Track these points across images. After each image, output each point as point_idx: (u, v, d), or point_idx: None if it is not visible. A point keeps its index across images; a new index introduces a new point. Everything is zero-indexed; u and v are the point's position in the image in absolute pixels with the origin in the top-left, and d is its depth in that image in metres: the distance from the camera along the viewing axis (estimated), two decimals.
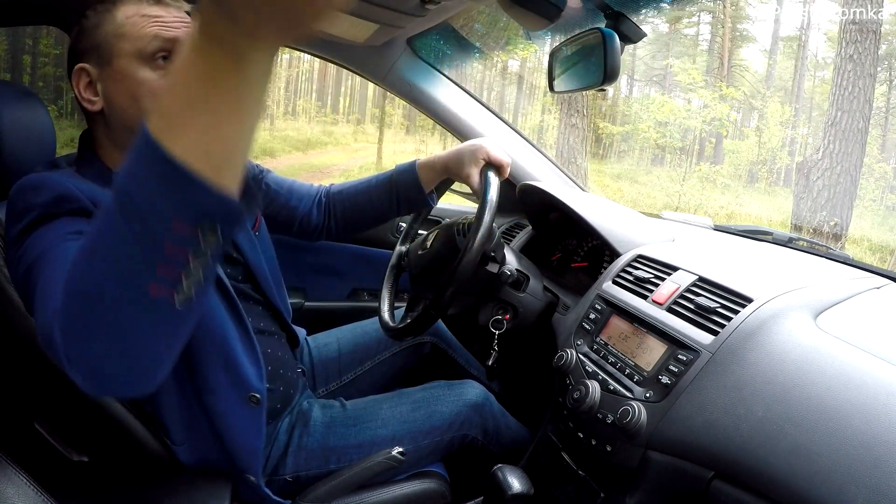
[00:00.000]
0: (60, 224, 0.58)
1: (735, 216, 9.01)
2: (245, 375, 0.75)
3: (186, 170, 0.34)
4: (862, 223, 8.24)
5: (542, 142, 12.90)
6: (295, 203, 1.07)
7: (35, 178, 0.62)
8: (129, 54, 0.67)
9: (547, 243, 1.34)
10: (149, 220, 0.36)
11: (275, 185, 1.05)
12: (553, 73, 1.06)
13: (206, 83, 0.34)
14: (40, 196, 0.60)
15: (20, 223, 0.59)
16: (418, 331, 0.93)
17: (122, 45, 0.67)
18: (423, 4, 1.03)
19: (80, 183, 0.64)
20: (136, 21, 0.67)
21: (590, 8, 0.89)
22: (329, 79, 21.25)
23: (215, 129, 0.35)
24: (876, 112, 10.77)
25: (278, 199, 1.05)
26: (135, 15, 0.67)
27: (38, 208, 0.59)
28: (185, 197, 0.35)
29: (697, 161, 12.95)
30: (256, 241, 0.88)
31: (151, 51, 0.67)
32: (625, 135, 14.48)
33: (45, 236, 0.57)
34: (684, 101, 13.78)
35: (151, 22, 0.67)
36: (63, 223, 0.58)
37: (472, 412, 0.97)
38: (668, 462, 0.68)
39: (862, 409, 0.55)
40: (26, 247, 0.57)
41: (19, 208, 0.60)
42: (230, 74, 0.34)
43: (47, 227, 0.58)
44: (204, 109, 0.35)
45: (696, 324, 0.75)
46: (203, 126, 0.35)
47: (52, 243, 0.56)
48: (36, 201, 0.59)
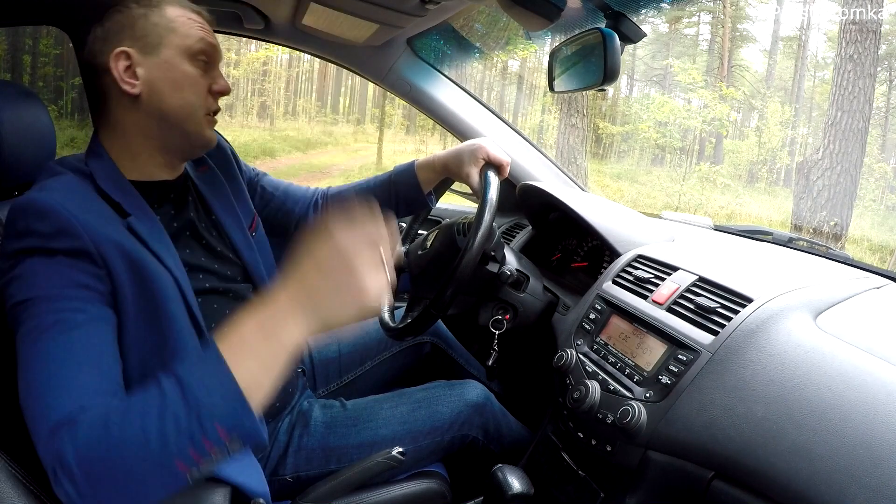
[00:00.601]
0: (56, 267, 0.59)
1: (735, 216, 9.00)
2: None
3: (245, 397, 0.49)
4: (862, 223, 8.25)
5: (542, 142, 12.89)
6: (291, 206, 1.06)
7: (43, 204, 0.62)
8: (178, 48, 0.73)
9: (547, 243, 1.34)
10: (202, 416, 0.48)
11: (270, 188, 1.05)
12: (553, 73, 1.06)
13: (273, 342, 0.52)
14: (42, 225, 0.61)
15: (17, 243, 0.60)
16: (418, 331, 0.93)
17: (172, 39, 0.73)
18: (423, 4, 1.03)
19: (89, 198, 0.67)
20: (186, 21, 0.74)
21: (590, 8, 0.88)
22: (329, 79, 21.26)
23: (267, 370, 0.51)
24: (876, 112, 10.78)
25: (273, 202, 1.04)
26: (183, 16, 0.74)
27: (37, 237, 0.60)
28: (235, 414, 0.49)
29: (697, 161, 12.96)
30: (253, 243, 0.88)
31: (197, 49, 0.74)
32: (625, 135, 14.48)
33: (40, 275, 0.59)
34: (684, 101, 13.79)
35: (198, 26, 0.75)
36: (60, 268, 0.60)
37: (472, 412, 0.97)
38: (668, 462, 0.68)
39: (862, 409, 0.55)
40: (18, 273, 0.59)
41: (20, 228, 0.61)
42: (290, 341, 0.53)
43: (42, 262, 0.59)
44: (267, 356, 0.52)
45: (696, 324, 0.75)
46: (260, 367, 0.51)
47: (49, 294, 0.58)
48: (38, 228, 0.60)
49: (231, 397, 0.49)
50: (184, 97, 0.73)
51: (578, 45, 0.94)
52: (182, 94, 0.73)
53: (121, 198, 0.69)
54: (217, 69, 0.77)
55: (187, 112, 0.74)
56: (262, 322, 0.52)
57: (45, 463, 0.50)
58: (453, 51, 1.55)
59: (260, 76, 17.28)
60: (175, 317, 0.68)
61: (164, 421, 0.48)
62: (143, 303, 0.65)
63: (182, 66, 0.73)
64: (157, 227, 0.71)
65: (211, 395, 0.49)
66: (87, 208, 0.65)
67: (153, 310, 0.66)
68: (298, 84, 21.13)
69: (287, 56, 18.55)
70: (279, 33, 1.33)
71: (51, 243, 0.60)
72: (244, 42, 13.82)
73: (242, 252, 0.85)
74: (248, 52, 16.10)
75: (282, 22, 1.24)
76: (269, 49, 13.30)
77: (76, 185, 0.68)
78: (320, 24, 1.20)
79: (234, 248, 0.85)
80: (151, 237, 0.69)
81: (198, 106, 0.74)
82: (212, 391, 0.49)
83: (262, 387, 0.51)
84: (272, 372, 0.51)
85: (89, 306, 0.60)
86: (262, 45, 13.26)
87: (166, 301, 0.67)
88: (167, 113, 0.73)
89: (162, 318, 0.67)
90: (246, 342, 0.51)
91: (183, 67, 0.73)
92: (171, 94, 0.72)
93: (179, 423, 0.48)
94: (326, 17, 1.13)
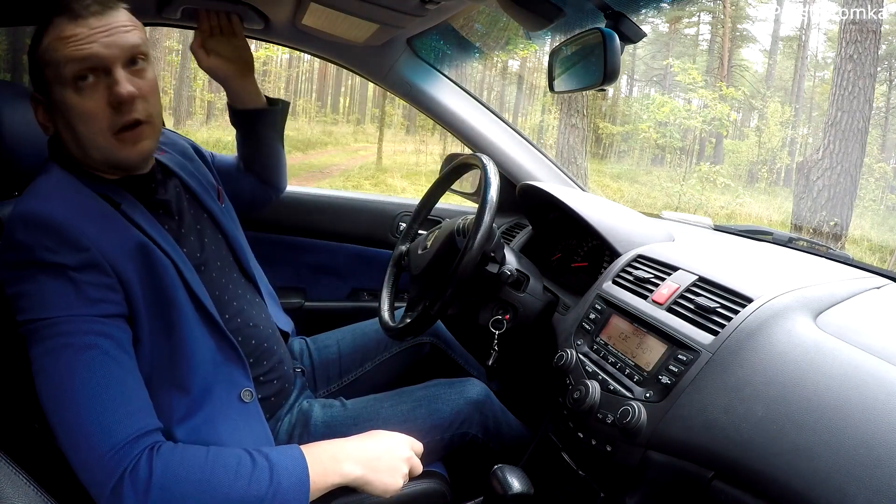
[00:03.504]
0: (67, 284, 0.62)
1: (735, 216, 8.99)
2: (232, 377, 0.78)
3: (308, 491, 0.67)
4: (862, 223, 8.24)
5: (542, 142, 12.88)
6: (236, 174, 1.12)
7: (43, 216, 0.63)
8: (54, 81, 0.67)
9: (547, 243, 1.34)
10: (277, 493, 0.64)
11: (226, 165, 1.11)
12: (553, 73, 1.06)
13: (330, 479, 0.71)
14: (46, 239, 0.62)
15: (20, 255, 0.62)
16: (418, 331, 0.93)
17: (47, 73, 0.67)
18: (423, 4, 1.03)
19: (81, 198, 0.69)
20: (54, 46, 0.66)
21: (590, 8, 0.88)
22: (329, 79, 21.27)
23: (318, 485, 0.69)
24: (876, 112, 10.78)
25: (231, 174, 1.10)
26: (53, 40, 0.66)
27: (41, 250, 0.61)
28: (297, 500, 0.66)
29: (697, 161, 12.96)
30: (225, 213, 0.94)
31: (69, 75, 0.65)
32: (625, 135, 14.48)
33: (50, 293, 0.61)
34: (684, 101, 13.78)
35: (65, 44, 0.65)
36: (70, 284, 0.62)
37: (472, 410, 0.97)
38: (668, 462, 0.68)
39: (862, 409, 0.54)
40: (28, 289, 0.61)
41: (22, 240, 0.62)
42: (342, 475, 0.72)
43: (50, 278, 0.62)
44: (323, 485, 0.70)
45: (696, 324, 0.75)
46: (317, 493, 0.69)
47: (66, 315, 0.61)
48: (41, 242, 0.62)
49: (300, 489, 0.66)
50: (78, 131, 0.68)
51: (578, 45, 0.94)
52: (76, 129, 0.68)
53: (103, 191, 0.72)
54: (113, 76, 0.67)
55: (88, 143, 0.69)
56: (332, 452, 0.73)
57: (99, 478, 0.58)
58: (453, 51, 1.55)
59: (260, 76, 17.22)
60: (178, 298, 0.72)
61: (251, 479, 0.63)
62: (152, 293, 0.69)
63: (64, 99, 0.67)
64: (145, 214, 0.74)
65: (291, 491, 0.65)
66: (86, 211, 0.67)
67: (159, 295, 0.70)
68: (298, 84, 21.13)
69: (287, 56, 18.54)
70: (279, 33, 1.33)
71: (57, 258, 0.62)
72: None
73: (221, 221, 0.90)
74: None
75: (282, 22, 1.24)
76: (269, 49, 13.27)
77: (69, 185, 0.70)
78: (320, 24, 1.20)
79: (214, 220, 0.89)
80: (145, 223, 0.73)
81: (94, 134, 0.68)
82: (294, 489, 0.65)
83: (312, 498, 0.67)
84: (322, 491, 0.70)
85: (114, 330, 0.64)
86: (262, 45, 13.26)
87: (170, 283, 0.71)
88: (74, 146, 0.70)
89: (167, 301, 0.70)
90: (318, 460, 0.70)
91: (65, 100, 0.67)
92: (67, 130, 0.69)
93: (261, 488, 0.63)
94: (326, 17, 1.13)
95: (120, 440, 0.59)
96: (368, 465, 0.73)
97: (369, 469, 0.73)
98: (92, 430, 0.59)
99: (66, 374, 0.59)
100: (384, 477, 0.74)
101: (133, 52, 0.68)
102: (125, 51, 0.67)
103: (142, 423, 0.62)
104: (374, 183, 9.35)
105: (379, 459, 0.74)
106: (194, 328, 0.73)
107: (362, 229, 1.57)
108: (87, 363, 0.60)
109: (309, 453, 0.70)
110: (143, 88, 0.69)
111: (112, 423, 0.59)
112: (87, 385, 0.60)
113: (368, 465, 0.73)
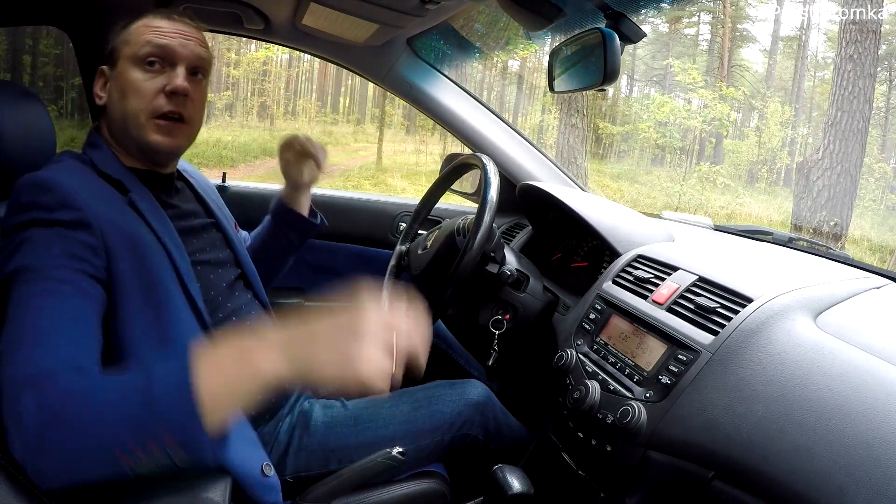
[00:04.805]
0: (54, 237, 0.63)
1: (735, 216, 9.00)
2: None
3: (199, 413, 0.49)
4: (862, 223, 8.24)
5: (542, 142, 12.88)
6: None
7: (46, 178, 0.67)
8: (127, 57, 0.77)
9: (547, 243, 1.34)
10: (158, 420, 0.50)
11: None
12: (553, 73, 1.06)
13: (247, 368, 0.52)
14: (46, 197, 0.65)
15: (20, 216, 0.64)
16: None
17: (125, 50, 0.77)
18: (423, 4, 1.03)
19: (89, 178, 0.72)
20: (139, 29, 0.77)
21: (590, 8, 0.88)
22: (329, 79, 21.26)
23: (232, 393, 0.52)
24: (876, 112, 10.78)
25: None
26: (141, 25, 0.78)
27: (39, 209, 0.64)
28: (185, 426, 0.50)
29: (697, 161, 12.95)
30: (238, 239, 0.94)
31: (144, 54, 0.76)
32: (625, 135, 14.47)
33: (38, 244, 0.62)
34: (684, 101, 13.77)
35: (151, 31, 0.77)
36: (57, 238, 0.63)
37: (473, 411, 0.97)
38: (668, 462, 0.68)
39: (862, 409, 0.55)
40: (17, 244, 0.62)
41: (24, 202, 0.65)
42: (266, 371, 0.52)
43: (42, 232, 0.63)
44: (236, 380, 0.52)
45: (696, 324, 0.75)
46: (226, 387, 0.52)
47: (43, 264, 0.60)
48: (41, 201, 0.64)
49: (187, 410, 0.50)
50: (127, 103, 0.76)
51: (578, 46, 0.94)
52: (126, 101, 0.76)
53: (121, 177, 0.75)
54: (176, 69, 0.77)
55: (130, 117, 0.76)
56: (241, 346, 0.53)
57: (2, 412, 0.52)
58: (453, 51, 1.55)
59: (260, 76, 17.26)
60: (170, 290, 0.71)
61: (118, 412, 0.51)
62: (140, 278, 0.69)
63: (129, 73, 0.76)
64: (154, 204, 0.76)
65: (170, 401, 0.50)
66: (89, 186, 0.70)
67: (149, 284, 0.70)
68: (298, 84, 21.12)
69: (287, 56, 18.53)
70: (279, 33, 1.33)
71: (52, 215, 0.64)
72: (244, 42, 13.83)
73: (234, 243, 0.91)
74: (248, 52, 16.10)
75: (282, 22, 1.24)
76: (269, 49, 13.28)
77: (78, 168, 0.74)
78: (320, 24, 1.20)
79: (226, 239, 0.90)
80: (150, 213, 0.74)
81: (139, 110, 0.75)
82: (172, 397, 0.50)
83: (222, 406, 0.52)
84: (238, 395, 0.52)
85: (78, 278, 0.62)
86: (262, 45, 13.26)
87: (162, 275, 0.71)
88: (116, 119, 0.78)
89: (158, 292, 0.70)
90: (220, 361, 0.53)
91: (129, 75, 0.76)
92: (119, 102, 0.77)
93: (132, 418, 0.50)
94: (326, 17, 1.14)
95: (20, 378, 0.53)
96: (306, 351, 0.52)
97: (309, 355, 0.52)
98: (4, 366, 0.54)
99: (15, 315, 0.58)
100: (339, 358, 0.51)
101: (199, 62, 0.79)
102: (194, 57, 0.78)
103: (46, 366, 0.54)
104: (374, 183, 9.35)
105: (325, 341, 0.52)
106: (181, 311, 0.72)
107: (362, 229, 1.57)
108: (37, 305, 0.58)
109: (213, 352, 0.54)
110: (194, 93, 0.78)
111: (21, 359, 0.55)
112: (24, 322, 0.57)
113: (306, 351, 0.52)
